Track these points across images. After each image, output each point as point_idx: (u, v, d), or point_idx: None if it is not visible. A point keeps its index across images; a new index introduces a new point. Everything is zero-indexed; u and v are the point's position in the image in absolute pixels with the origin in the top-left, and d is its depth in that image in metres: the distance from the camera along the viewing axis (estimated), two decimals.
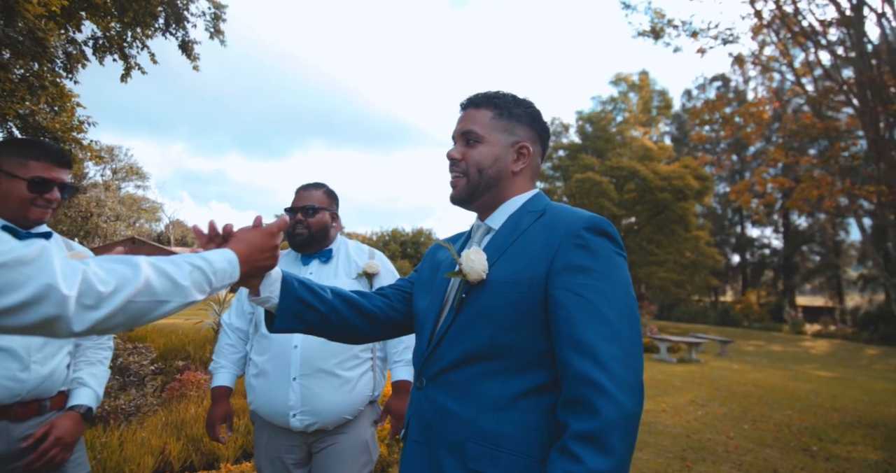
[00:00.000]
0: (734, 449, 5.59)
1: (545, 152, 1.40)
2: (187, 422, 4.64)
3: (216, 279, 1.06)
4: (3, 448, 1.56)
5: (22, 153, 1.66)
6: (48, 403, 1.68)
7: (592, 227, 1.14)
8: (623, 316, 1.06)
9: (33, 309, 0.78)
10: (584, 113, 33.01)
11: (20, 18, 5.57)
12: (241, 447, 4.38)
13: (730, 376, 11.17)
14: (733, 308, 33.15)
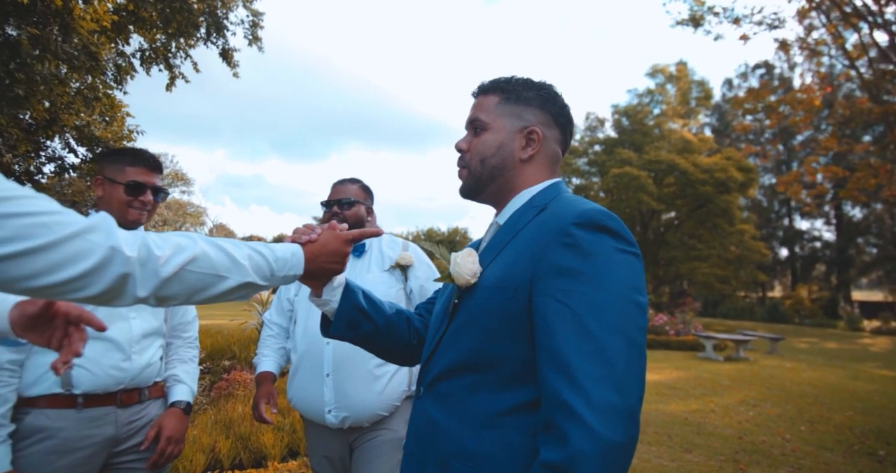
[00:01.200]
0: (791, 452, 5.34)
1: (566, 138, 1.25)
2: (235, 421, 4.76)
3: (277, 266, 1.06)
4: (113, 432, 1.73)
5: (120, 161, 1.86)
6: (147, 392, 1.84)
7: (585, 222, 0.97)
8: (613, 327, 0.89)
9: (105, 273, 0.83)
10: (620, 106, 32.34)
11: (76, 34, 5.86)
12: (288, 446, 4.47)
13: (782, 375, 10.70)
14: (783, 303, 31.79)
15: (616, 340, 0.88)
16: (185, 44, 7.91)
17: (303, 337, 2.21)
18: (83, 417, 1.67)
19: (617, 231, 0.98)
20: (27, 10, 5.59)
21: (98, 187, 1.88)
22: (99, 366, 1.69)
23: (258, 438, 4.40)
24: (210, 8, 7.35)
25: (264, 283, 1.04)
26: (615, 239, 0.97)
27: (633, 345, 0.90)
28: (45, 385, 1.63)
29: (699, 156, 28.52)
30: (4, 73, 5.40)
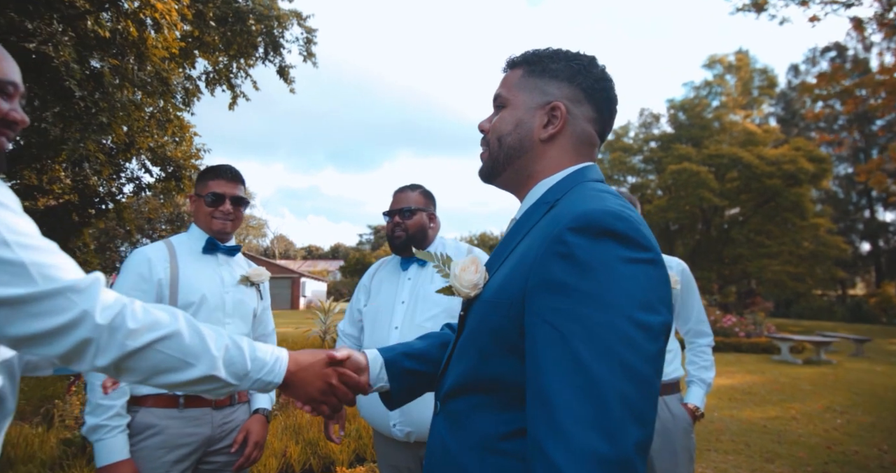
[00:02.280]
0: (891, 465, 4.90)
1: (604, 118, 1.06)
2: (304, 427, 4.90)
3: (253, 366, 1.00)
4: (209, 431, 1.86)
5: (204, 177, 2.02)
6: (236, 396, 1.95)
7: (583, 227, 0.79)
8: (608, 356, 0.72)
9: (70, 334, 0.82)
10: (676, 100, 31.17)
11: (149, 62, 6.29)
12: (355, 451, 4.54)
13: (872, 379, 9.88)
14: (867, 302, 29.43)
15: (611, 372, 0.71)
16: (245, 64, 8.31)
17: None
18: (184, 416, 1.80)
19: (626, 235, 0.79)
20: (108, 43, 6.04)
21: (191, 204, 2.05)
22: None
23: (326, 444, 4.50)
24: (267, 28, 7.68)
25: (231, 381, 0.97)
26: (623, 245, 0.78)
27: (634, 378, 0.71)
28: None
29: (764, 148, 26.99)
30: (91, 102, 5.85)
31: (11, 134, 1.01)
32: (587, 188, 0.93)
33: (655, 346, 0.74)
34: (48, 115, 5.91)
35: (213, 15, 7.05)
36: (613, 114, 1.08)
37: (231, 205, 1.99)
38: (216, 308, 1.90)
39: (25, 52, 5.21)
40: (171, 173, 8.85)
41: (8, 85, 0.97)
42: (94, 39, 5.99)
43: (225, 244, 2.02)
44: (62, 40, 5.21)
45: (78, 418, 4.50)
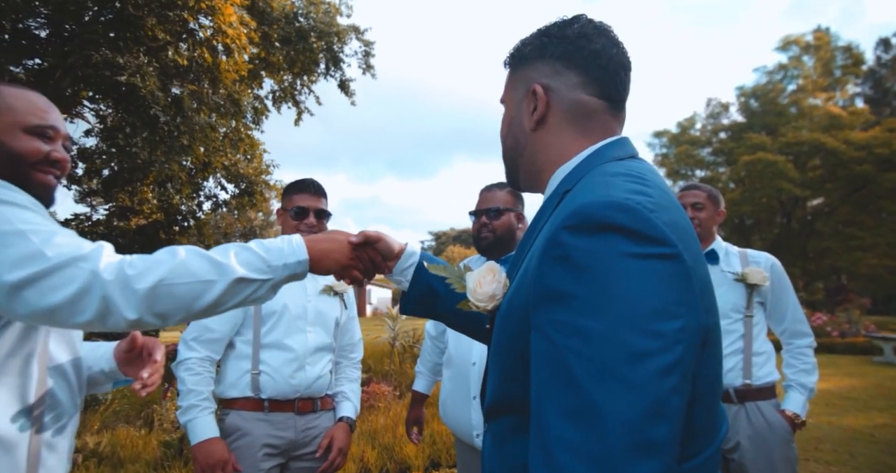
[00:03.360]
0: None
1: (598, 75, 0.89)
2: (379, 432, 4.98)
3: (270, 256, 1.02)
4: (293, 436, 1.92)
5: (289, 191, 2.10)
6: (319, 402, 2.01)
7: (579, 224, 0.68)
8: (606, 373, 0.61)
9: (89, 297, 0.88)
10: (747, 87, 29.39)
11: (222, 85, 6.73)
12: (429, 456, 4.56)
13: None
14: None
15: (610, 393, 0.59)
16: (308, 80, 8.67)
17: (452, 358, 2.23)
18: (270, 420, 1.88)
19: (629, 227, 0.66)
20: (186, 71, 6.50)
21: (278, 218, 2.13)
22: (280, 374, 1.89)
23: (402, 449, 4.55)
24: (328, 44, 7.97)
25: (261, 276, 1.00)
26: (628, 239, 0.66)
27: (641, 400, 0.59)
28: (240, 388, 1.88)
29: (851, 131, 24.86)
30: (173, 126, 6.30)
31: (56, 172, 1.13)
32: (598, 173, 0.80)
33: (670, 357, 0.61)
34: (137, 141, 6.41)
35: (278, 36, 7.41)
36: (609, 69, 0.89)
37: (315, 218, 2.05)
38: (298, 317, 1.96)
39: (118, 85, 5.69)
40: (244, 189, 9.35)
41: (48, 129, 1.10)
42: (174, 68, 6.45)
43: None
44: (147, 71, 5.65)
45: (174, 421, 4.81)
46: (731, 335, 2.27)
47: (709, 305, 0.72)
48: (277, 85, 8.86)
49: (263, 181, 9.39)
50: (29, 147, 1.07)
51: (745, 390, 2.21)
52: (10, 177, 1.03)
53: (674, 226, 0.69)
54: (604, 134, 0.89)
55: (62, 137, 1.14)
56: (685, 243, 0.69)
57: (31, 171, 1.07)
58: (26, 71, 6.25)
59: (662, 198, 0.72)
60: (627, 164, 0.82)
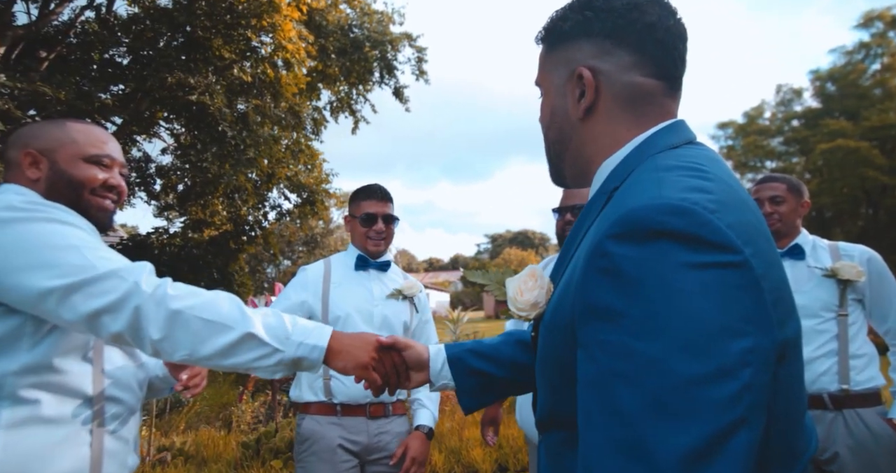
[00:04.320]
0: None
1: (655, 53, 0.79)
2: (445, 435, 4.97)
3: (294, 330, 1.05)
4: (366, 440, 1.93)
5: (356, 198, 2.10)
6: (390, 407, 2.01)
7: (627, 231, 0.59)
8: (659, 405, 0.53)
9: (125, 306, 0.96)
10: (822, 70, 27.39)
11: (283, 99, 7.03)
12: (497, 460, 4.51)
13: None
14: None
15: (665, 426, 0.52)
16: (364, 89, 8.89)
17: None
18: (343, 424, 1.91)
19: (687, 233, 0.57)
20: (250, 87, 6.83)
21: (347, 225, 2.14)
22: (349, 379, 1.84)
23: (468, 453, 4.52)
24: (381, 53, 8.15)
25: (273, 344, 1.02)
26: (685, 247, 0.57)
27: (701, 434, 0.51)
28: (313, 392, 1.93)
29: None
30: (240, 140, 6.64)
31: (113, 196, 1.23)
32: (649, 167, 0.70)
33: (736, 383, 0.52)
34: (208, 156, 6.80)
35: (333, 48, 7.66)
36: (667, 43, 0.78)
37: (383, 224, 2.05)
38: (364, 321, 1.97)
39: (189, 104, 6.06)
40: (305, 199, 9.69)
41: (105, 158, 1.21)
42: (239, 85, 6.79)
43: (377, 260, 2.10)
44: (215, 89, 5.98)
45: (250, 423, 5.03)
46: (822, 336, 2.09)
47: (784, 315, 0.63)
48: (334, 95, 9.15)
49: (323, 190, 9.69)
50: (88, 174, 1.17)
51: (843, 396, 2.03)
52: (72, 201, 1.15)
53: (740, 227, 0.59)
54: (660, 118, 0.78)
55: (118, 165, 1.24)
56: (755, 246, 0.59)
57: (91, 197, 1.18)
58: (112, 96, 6.78)
59: (726, 194, 0.62)
60: (683, 154, 0.72)
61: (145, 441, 4.21)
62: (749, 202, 0.67)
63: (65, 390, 1.05)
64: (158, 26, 6.31)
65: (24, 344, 1.01)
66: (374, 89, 9.05)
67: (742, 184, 0.73)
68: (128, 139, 7.90)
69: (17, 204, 1.04)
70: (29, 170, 1.15)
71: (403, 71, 8.79)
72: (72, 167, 1.17)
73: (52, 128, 1.20)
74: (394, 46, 8.25)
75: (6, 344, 0.98)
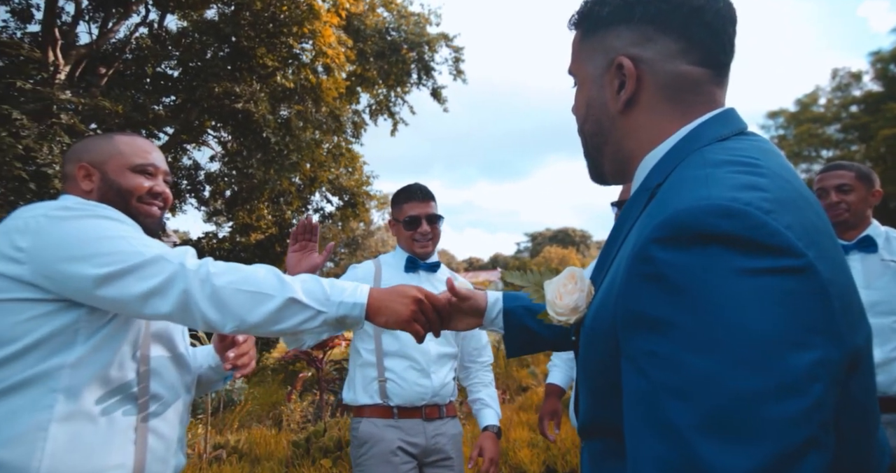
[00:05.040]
0: None
1: (702, 38, 0.72)
2: None
3: (332, 291, 1.09)
4: (423, 442, 1.93)
5: (398, 200, 2.08)
6: (444, 409, 2.00)
7: (672, 236, 0.55)
8: (716, 423, 0.48)
9: (172, 286, 1.01)
10: (883, 51, 25.77)
11: (324, 104, 7.17)
12: (545, 462, 4.44)
13: None
14: None
15: (723, 448, 0.47)
16: (402, 91, 8.95)
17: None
18: (400, 426, 1.90)
19: (739, 236, 0.52)
20: (292, 93, 7.00)
21: (392, 228, 2.12)
22: (406, 382, 1.91)
23: (515, 454, 4.47)
24: (419, 54, 8.19)
25: (316, 306, 1.07)
26: (739, 251, 0.52)
27: (764, 458, 0.46)
28: (369, 394, 1.92)
29: None
30: (283, 145, 6.82)
31: (159, 203, 1.30)
32: (696, 162, 0.65)
33: (803, 401, 0.48)
34: (253, 162, 7.01)
35: (371, 51, 7.75)
36: (715, 28, 0.72)
37: (427, 225, 2.03)
38: None
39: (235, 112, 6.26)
40: (347, 201, 9.84)
41: (149, 166, 1.28)
42: (282, 91, 6.97)
43: (426, 261, 2.08)
44: (260, 97, 6.16)
45: (299, 422, 5.14)
46: None
47: (853, 322, 0.57)
48: (373, 98, 9.26)
49: (364, 192, 9.83)
50: (135, 183, 1.25)
51: None
52: (121, 209, 1.23)
53: (801, 227, 0.54)
54: (706, 108, 0.72)
55: (162, 173, 1.32)
56: (819, 247, 0.54)
57: (138, 204, 1.26)
58: (164, 107, 7.10)
59: (783, 191, 0.57)
60: (733, 146, 0.66)
61: (201, 439, 4.37)
62: (809, 198, 0.61)
63: (113, 385, 1.09)
64: (206, 38, 6.58)
65: (81, 337, 1.06)
66: (412, 91, 9.11)
67: (800, 177, 0.66)
68: (178, 148, 8.25)
69: (69, 204, 1.13)
70: (83, 182, 1.24)
71: (441, 71, 8.83)
72: (120, 177, 1.24)
73: (101, 141, 1.28)
74: (431, 47, 8.28)
75: (65, 337, 1.04)
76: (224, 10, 6.90)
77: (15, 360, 1.01)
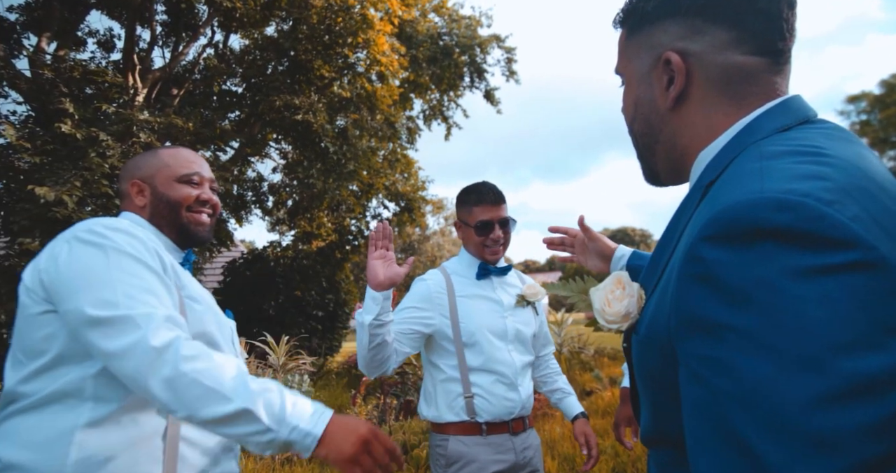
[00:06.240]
0: None
1: (756, 26, 0.67)
2: (557, 441, 4.81)
3: (292, 411, 1.00)
4: (513, 458, 1.82)
5: (466, 202, 1.93)
6: (527, 420, 1.92)
7: (722, 234, 0.51)
8: (782, 428, 0.45)
9: (132, 354, 0.96)
10: None
11: (378, 111, 7.33)
12: (613, 469, 4.28)
13: None
14: None
15: (791, 454, 0.44)
16: (455, 95, 8.99)
17: None
18: (490, 443, 1.80)
19: (797, 230, 0.48)
20: (348, 102, 7.19)
21: (458, 230, 1.99)
22: (494, 397, 1.82)
23: (583, 459, 4.34)
24: (471, 57, 8.20)
25: (271, 424, 0.97)
26: (797, 247, 0.48)
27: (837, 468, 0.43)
28: (455, 411, 1.82)
29: None
30: (341, 154, 7.01)
31: (208, 210, 1.32)
32: (752, 154, 0.60)
33: (880, 409, 0.43)
34: (313, 172, 7.24)
35: (424, 56, 7.82)
36: (770, 13, 0.67)
37: (500, 230, 1.88)
38: (499, 336, 1.86)
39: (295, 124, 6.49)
40: (403, 207, 9.97)
41: (194, 175, 1.29)
42: (338, 101, 7.16)
43: (496, 266, 1.98)
44: (318, 107, 6.36)
45: None
46: None
47: None
48: (426, 104, 9.36)
49: (421, 197, 9.92)
50: (182, 193, 1.27)
51: None
52: (172, 220, 1.26)
53: (870, 218, 0.48)
54: (765, 98, 0.67)
55: (207, 181, 1.33)
56: (894, 239, 0.49)
57: (188, 214, 1.28)
58: (230, 122, 7.49)
59: (851, 179, 0.51)
60: (796, 136, 0.61)
61: None
62: (888, 186, 0.55)
63: (137, 395, 1.07)
64: (266, 54, 6.90)
65: None
66: (465, 94, 9.12)
67: (882, 164, 0.60)
68: (243, 161, 8.67)
69: (97, 229, 1.10)
70: (137, 198, 1.27)
71: (493, 73, 8.79)
72: (168, 189, 1.27)
73: (148, 157, 1.31)
74: (483, 49, 8.28)
75: (84, 349, 1.04)
76: (282, 26, 7.20)
77: (46, 372, 1.04)
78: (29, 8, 7.03)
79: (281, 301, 8.49)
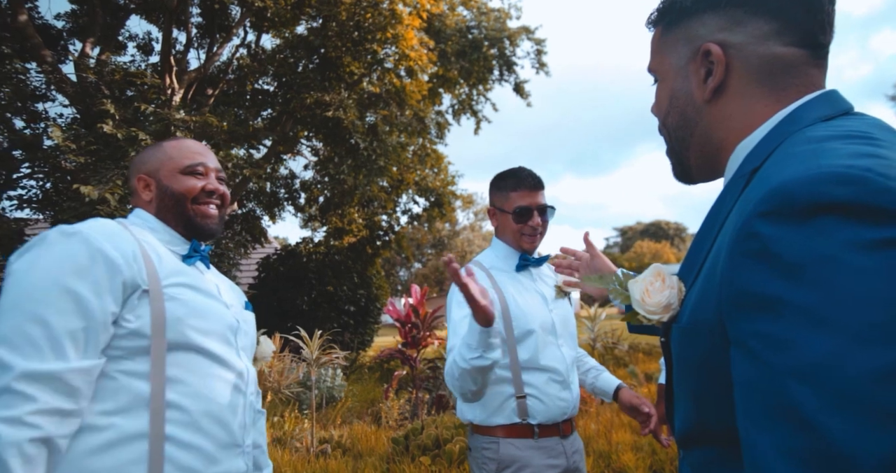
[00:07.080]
0: None
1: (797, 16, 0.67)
2: (592, 438, 4.75)
3: None
4: (565, 462, 1.73)
5: (503, 187, 1.83)
6: (574, 422, 1.83)
7: (778, 208, 0.50)
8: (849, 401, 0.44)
9: None
10: None
11: (408, 107, 7.35)
12: (651, 467, 4.20)
13: None
14: None
15: (860, 427, 0.43)
16: (484, 89, 8.92)
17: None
18: (542, 447, 1.71)
19: (857, 203, 0.47)
20: (378, 98, 7.23)
21: (492, 218, 1.88)
22: (548, 397, 1.73)
23: (619, 457, 4.26)
24: (500, 50, 8.11)
25: None
26: (857, 221, 0.47)
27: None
28: (505, 414, 1.71)
29: None
30: (371, 150, 7.05)
31: (215, 201, 1.27)
32: (798, 140, 0.60)
33: None
34: (344, 168, 7.31)
35: (452, 50, 7.78)
36: (812, 4, 0.67)
37: (539, 217, 1.79)
38: (548, 331, 1.77)
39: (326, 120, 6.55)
40: (433, 202, 9.98)
41: (198, 166, 1.25)
42: (368, 97, 7.20)
43: (533, 257, 1.88)
44: (348, 104, 6.40)
45: (397, 419, 5.27)
46: None
47: None
48: (455, 98, 9.32)
49: (451, 192, 9.91)
50: (187, 185, 1.23)
51: None
52: (179, 213, 1.23)
53: None
54: (804, 90, 0.67)
55: (213, 170, 1.29)
56: None
57: (194, 206, 1.24)
58: (262, 120, 7.64)
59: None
60: (841, 124, 0.61)
61: (308, 433, 4.60)
62: None
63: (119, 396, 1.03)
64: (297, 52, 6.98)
65: None
66: (494, 87, 9.05)
67: None
68: (276, 158, 8.82)
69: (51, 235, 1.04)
70: (143, 194, 1.24)
71: (523, 65, 8.70)
72: (172, 181, 1.23)
73: (152, 151, 1.29)
74: (512, 42, 8.18)
75: None
76: (312, 23, 7.28)
77: None
78: (74, 15, 7.34)
79: (313, 296, 8.63)
